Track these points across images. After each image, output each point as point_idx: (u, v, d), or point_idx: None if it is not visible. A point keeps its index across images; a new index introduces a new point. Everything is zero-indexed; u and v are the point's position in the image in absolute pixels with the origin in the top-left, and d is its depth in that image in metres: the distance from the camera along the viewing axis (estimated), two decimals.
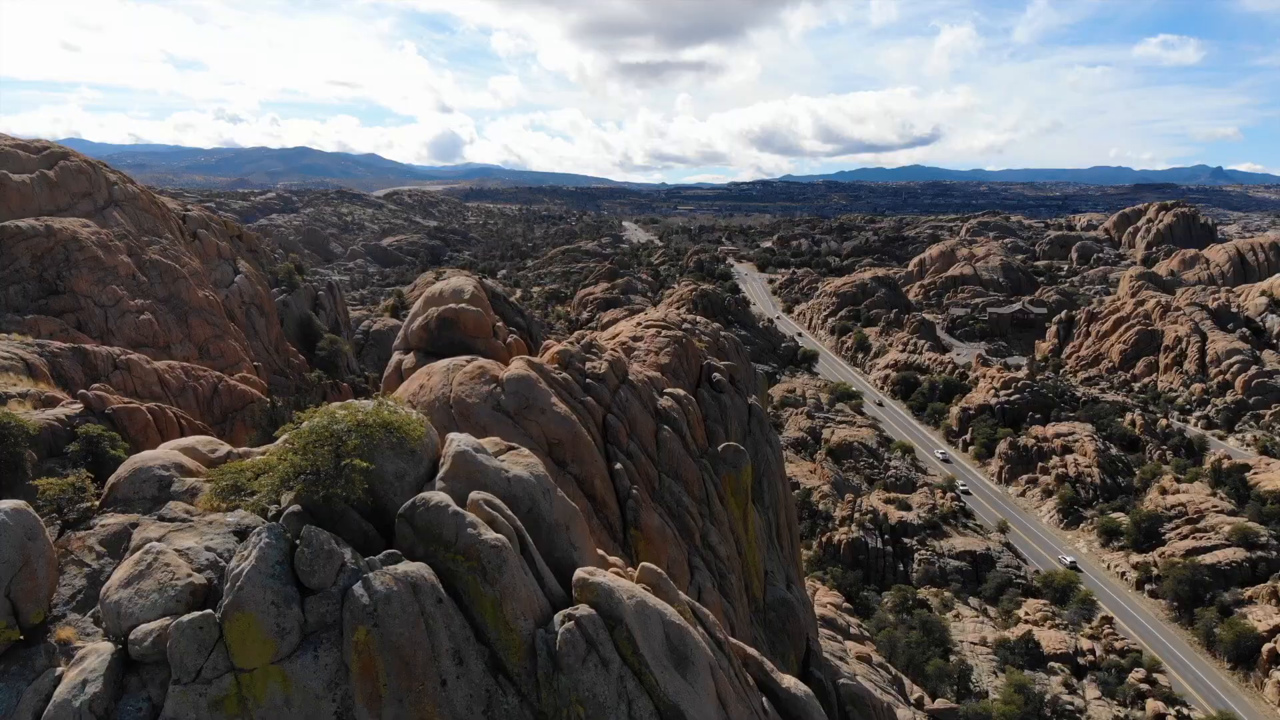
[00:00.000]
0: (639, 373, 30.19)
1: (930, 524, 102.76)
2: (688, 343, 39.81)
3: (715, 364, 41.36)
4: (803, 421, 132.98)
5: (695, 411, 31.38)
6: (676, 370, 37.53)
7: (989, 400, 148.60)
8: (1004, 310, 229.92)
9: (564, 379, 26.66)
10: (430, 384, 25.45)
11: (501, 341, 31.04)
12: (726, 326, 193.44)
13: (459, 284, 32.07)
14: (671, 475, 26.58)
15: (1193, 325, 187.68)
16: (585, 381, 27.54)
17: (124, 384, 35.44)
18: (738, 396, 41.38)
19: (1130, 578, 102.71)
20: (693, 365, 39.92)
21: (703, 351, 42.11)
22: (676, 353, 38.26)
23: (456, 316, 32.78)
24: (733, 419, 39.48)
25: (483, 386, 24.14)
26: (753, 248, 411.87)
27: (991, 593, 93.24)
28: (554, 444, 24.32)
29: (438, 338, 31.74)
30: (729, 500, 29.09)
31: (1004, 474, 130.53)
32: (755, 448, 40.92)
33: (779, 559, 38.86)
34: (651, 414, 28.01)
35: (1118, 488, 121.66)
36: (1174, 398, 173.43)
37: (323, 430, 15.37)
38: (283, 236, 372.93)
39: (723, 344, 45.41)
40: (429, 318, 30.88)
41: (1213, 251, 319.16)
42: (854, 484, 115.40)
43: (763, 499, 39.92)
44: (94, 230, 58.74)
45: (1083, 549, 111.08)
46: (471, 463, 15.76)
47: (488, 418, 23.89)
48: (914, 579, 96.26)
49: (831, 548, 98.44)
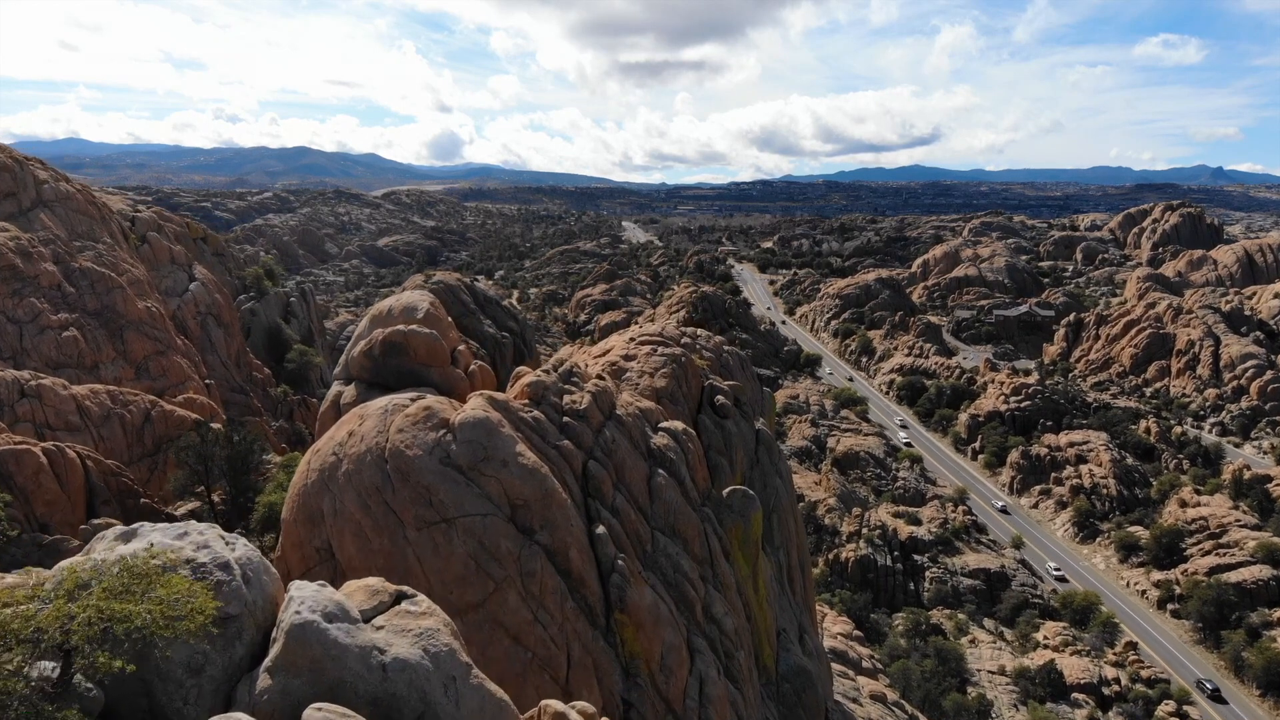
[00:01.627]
0: (629, 403, 25.38)
1: (942, 540, 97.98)
2: (687, 362, 34.97)
3: (719, 384, 36.53)
4: (806, 430, 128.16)
5: (696, 448, 26.59)
6: (674, 395, 32.72)
7: (999, 407, 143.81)
8: (1011, 313, 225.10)
9: (535, 418, 21.76)
10: (363, 431, 19.99)
11: (462, 370, 26.04)
12: (727, 329, 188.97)
13: (412, 300, 26.98)
14: (667, 532, 21.79)
15: (1205, 329, 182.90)
16: (562, 420, 22.57)
17: (32, 414, 30.75)
18: (744, 421, 36.56)
19: (1152, 596, 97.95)
20: (693, 387, 35.10)
21: (704, 370, 37.27)
22: (674, 374, 33.43)
23: (405, 341, 26.43)
24: (738, 448, 34.67)
25: (428, 433, 19.37)
26: (753, 248, 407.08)
27: (1007, 614, 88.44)
28: (518, 505, 19.35)
29: (382, 366, 26.47)
30: (736, 555, 24.40)
31: (1016, 484, 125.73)
32: (764, 480, 36.12)
33: (791, 607, 34.05)
34: (643, 455, 23.19)
35: (1135, 500, 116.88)
36: (1187, 403, 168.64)
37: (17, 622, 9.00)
38: (277, 237, 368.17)
39: (726, 360, 40.57)
40: (372, 341, 25.72)
41: (1220, 253, 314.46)
42: (861, 496, 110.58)
43: (773, 538, 35.13)
44: (12, 235, 53.08)
45: (1100, 565, 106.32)
46: (318, 643, 10.09)
47: (433, 475, 19.04)
48: (925, 599, 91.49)
49: (839, 565, 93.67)
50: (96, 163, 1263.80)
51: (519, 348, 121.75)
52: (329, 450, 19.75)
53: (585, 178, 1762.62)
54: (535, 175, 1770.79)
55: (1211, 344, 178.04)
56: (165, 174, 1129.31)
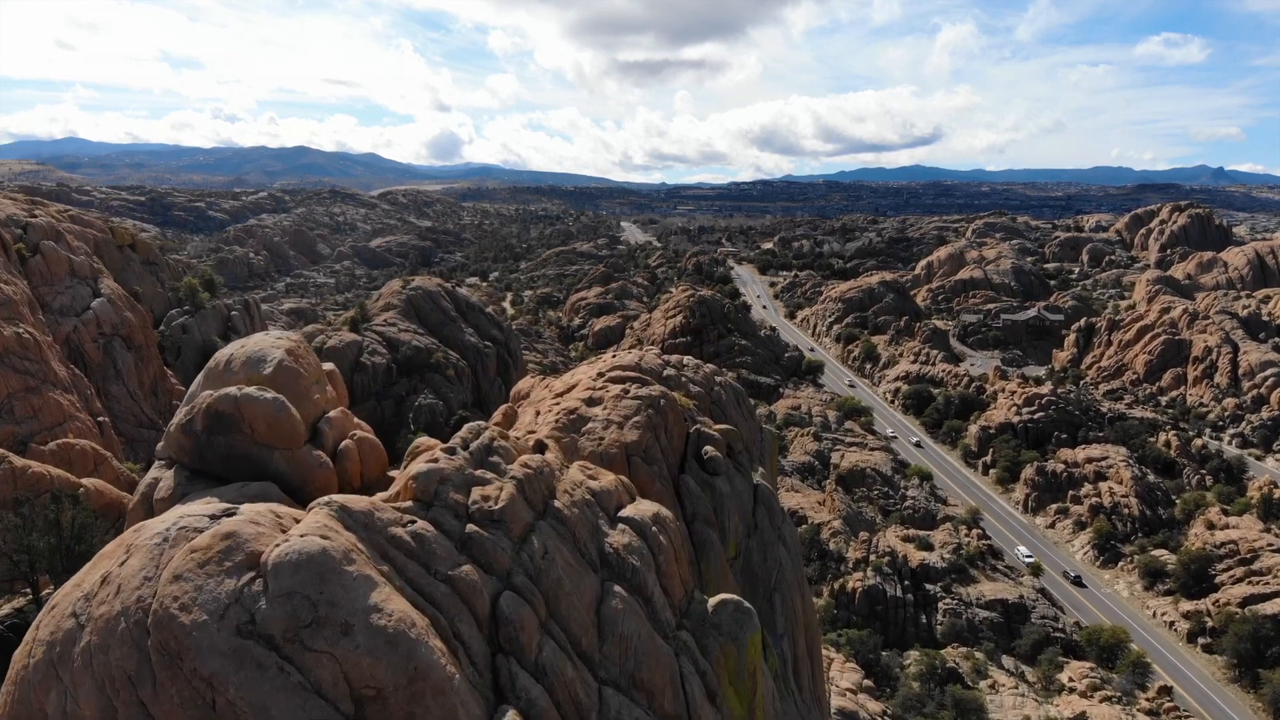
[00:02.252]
0: (578, 484, 18.46)
1: (955, 567, 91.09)
2: (667, 405, 28.06)
3: (708, 429, 29.62)
4: (809, 444, 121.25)
5: (676, 536, 19.79)
6: (650, 450, 25.84)
7: (1010, 419, 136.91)
8: (1019, 317, 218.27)
9: (417, 535, 14.56)
10: (122, 575, 12.55)
11: (324, 453, 18.84)
12: (726, 335, 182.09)
13: (261, 347, 19.36)
14: (625, 686, 14.98)
15: (1223, 335, 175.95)
16: (465, 532, 15.33)
17: None
18: (739, 476, 29.67)
19: (1181, 629, 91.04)
20: (675, 437, 28.20)
21: (690, 411, 30.32)
22: (650, 423, 26.54)
23: (236, 411, 18.18)
24: (732, 513, 27.80)
25: (222, 582, 11.85)
26: (753, 249, 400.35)
27: (1028, 650, 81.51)
28: (367, 698, 11.92)
29: (207, 446, 18.41)
30: (726, 693, 17.68)
31: (1030, 502, 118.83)
32: (764, 549, 29.22)
33: (798, 712, 27.13)
34: (593, 565, 16.31)
35: (1158, 520, 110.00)
36: (1205, 413, 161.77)
37: None
38: (268, 237, 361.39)
39: (719, 395, 33.66)
40: (194, 410, 18.59)
41: (1230, 255, 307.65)
42: (867, 518, 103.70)
43: (775, 625, 28.26)
44: None
45: (1123, 591, 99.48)
46: None
47: (221, 657, 11.55)
48: (939, 633, 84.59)
49: (845, 596, 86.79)
50: (95, 162, 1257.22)
51: (503, 358, 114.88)
52: (68, 606, 12.67)
53: (585, 177, 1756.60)
54: (535, 175, 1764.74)
55: (1229, 351, 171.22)
56: (164, 174, 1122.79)
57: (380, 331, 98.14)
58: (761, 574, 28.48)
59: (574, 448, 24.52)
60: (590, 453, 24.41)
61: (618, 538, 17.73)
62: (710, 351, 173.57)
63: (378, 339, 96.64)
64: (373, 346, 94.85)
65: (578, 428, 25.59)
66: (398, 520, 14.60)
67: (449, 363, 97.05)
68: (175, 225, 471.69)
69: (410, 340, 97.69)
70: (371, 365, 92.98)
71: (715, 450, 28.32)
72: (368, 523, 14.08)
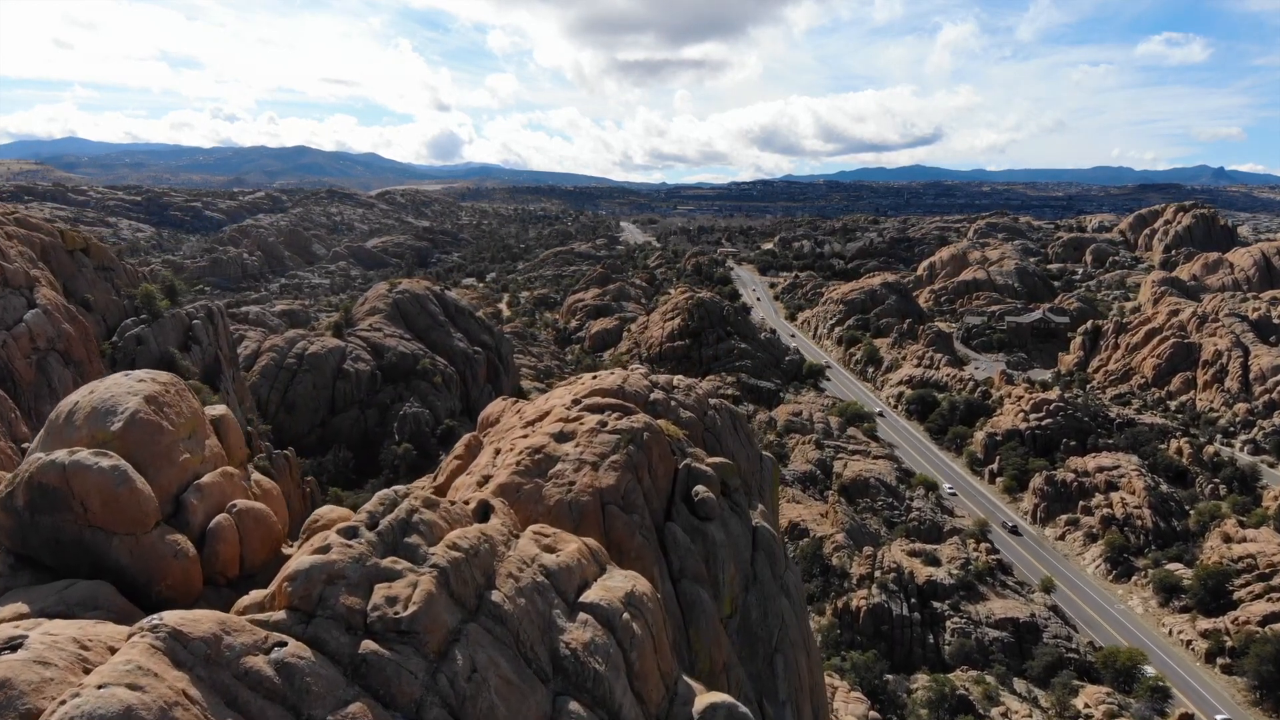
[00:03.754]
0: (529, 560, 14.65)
1: (964, 584, 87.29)
2: (651, 438, 24.28)
3: (699, 466, 25.84)
4: (811, 452, 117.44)
5: (656, 618, 16.03)
6: (629, 496, 22.07)
7: (1018, 425, 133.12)
8: (1023, 319, 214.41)
9: (283, 666, 10.62)
10: None
11: (187, 537, 14.43)
12: (726, 338, 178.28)
13: (111, 394, 14.56)
14: None
15: (1233, 338, 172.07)
16: (358, 653, 11.29)
17: None
18: (735, 518, 25.89)
19: (1199, 648, 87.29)
20: (660, 476, 24.41)
21: (680, 443, 26.53)
22: (631, 462, 22.78)
23: (65, 484, 13.98)
24: (727, 563, 24.02)
25: None
26: (753, 249, 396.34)
27: (1040, 673, 77.70)
28: None
29: (32, 528, 14.18)
30: None
31: (1040, 513, 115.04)
32: (764, 604, 25.45)
33: None
34: (541, 673, 12.59)
35: (1172, 532, 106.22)
36: (1215, 419, 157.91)
37: None
38: (262, 238, 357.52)
39: (713, 420, 29.86)
40: (16, 480, 15.31)
41: (1237, 255, 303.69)
42: (871, 530, 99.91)
43: (776, 693, 24.47)
44: None
45: (1137, 608, 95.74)
46: None
47: None
48: (947, 654, 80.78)
49: (848, 615, 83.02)
50: (95, 162, 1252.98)
51: (493, 363, 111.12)
52: None
53: (585, 177, 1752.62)
54: (535, 175, 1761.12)
55: (1240, 354, 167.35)
56: (164, 173, 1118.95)
57: (365, 337, 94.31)
58: (761, 633, 24.71)
59: (537, 497, 20.79)
60: (558, 501, 20.68)
61: (577, 634, 13.99)
62: (709, 355, 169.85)
63: (362, 344, 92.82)
64: (356, 352, 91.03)
65: (544, 470, 21.83)
66: (259, 644, 10.76)
67: (436, 369, 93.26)
68: (172, 225, 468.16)
69: (396, 346, 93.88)
70: (355, 372, 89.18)
71: (708, 490, 24.54)
72: (211, 653, 10.23)
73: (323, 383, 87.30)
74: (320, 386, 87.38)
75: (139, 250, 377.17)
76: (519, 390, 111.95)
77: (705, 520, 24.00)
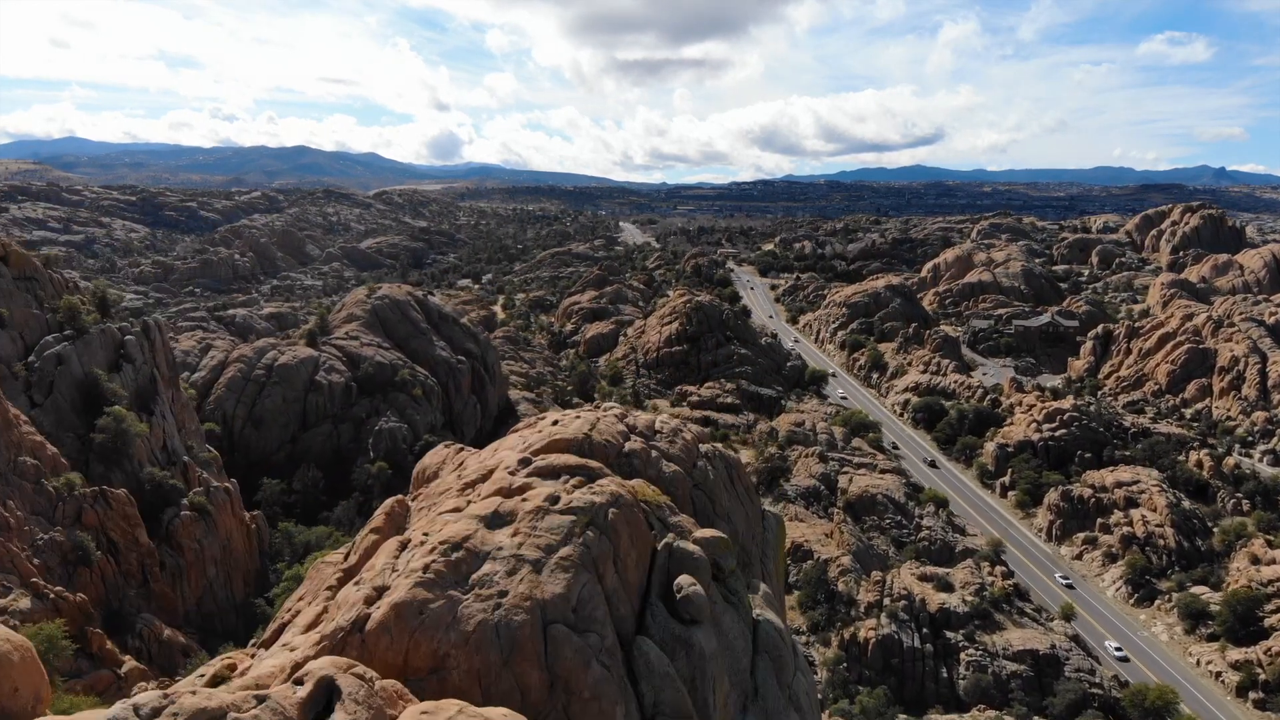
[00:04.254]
0: None
1: (978, 611, 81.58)
2: (620, 518, 18.55)
3: (684, 544, 20.08)
4: (814, 466, 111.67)
5: None
6: (585, 607, 16.41)
7: (1030, 436, 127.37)
8: (1031, 323, 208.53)
9: None
10: None
11: None
12: (725, 343, 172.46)
13: None
14: None
15: (1250, 344, 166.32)
16: None
17: None
18: (731, 611, 20.16)
19: (1229, 681, 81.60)
20: (632, 565, 18.71)
21: (661, 510, 20.75)
22: (590, 557, 17.08)
23: None
24: (719, 680, 18.31)
25: None
26: (754, 250, 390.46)
27: (1063, 712, 72.02)
28: None
29: None
30: None
31: (1055, 530, 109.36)
32: (767, 717, 19.62)
33: None
34: None
35: (1196, 552, 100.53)
36: (1233, 427, 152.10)
37: None
38: (254, 239, 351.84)
39: (703, 471, 24.12)
40: None
41: (1246, 257, 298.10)
42: (879, 551, 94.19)
43: None
44: None
45: (1162, 635, 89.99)
46: None
47: None
48: (961, 689, 75.11)
49: (855, 647, 77.37)
50: (94, 162, 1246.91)
51: (478, 373, 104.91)
52: None
53: (586, 177, 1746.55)
54: (536, 175, 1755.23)
55: (1258, 361, 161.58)
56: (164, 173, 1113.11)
57: (340, 346, 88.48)
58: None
59: (449, 620, 15.16)
60: (479, 624, 15.06)
61: None
62: (708, 361, 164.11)
63: (337, 354, 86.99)
64: (330, 363, 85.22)
65: (464, 574, 16.16)
66: None
67: (416, 380, 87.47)
68: (166, 225, 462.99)
69: (373, 355, 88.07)
70: (328, 384, 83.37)
71: (694, 583, 18.83)
72: None
73: (293, 396, 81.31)
74: (290, 400, 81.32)
75: (131, 251, 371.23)
76: (507, 402, 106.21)
77: (691, 625, 18.32)
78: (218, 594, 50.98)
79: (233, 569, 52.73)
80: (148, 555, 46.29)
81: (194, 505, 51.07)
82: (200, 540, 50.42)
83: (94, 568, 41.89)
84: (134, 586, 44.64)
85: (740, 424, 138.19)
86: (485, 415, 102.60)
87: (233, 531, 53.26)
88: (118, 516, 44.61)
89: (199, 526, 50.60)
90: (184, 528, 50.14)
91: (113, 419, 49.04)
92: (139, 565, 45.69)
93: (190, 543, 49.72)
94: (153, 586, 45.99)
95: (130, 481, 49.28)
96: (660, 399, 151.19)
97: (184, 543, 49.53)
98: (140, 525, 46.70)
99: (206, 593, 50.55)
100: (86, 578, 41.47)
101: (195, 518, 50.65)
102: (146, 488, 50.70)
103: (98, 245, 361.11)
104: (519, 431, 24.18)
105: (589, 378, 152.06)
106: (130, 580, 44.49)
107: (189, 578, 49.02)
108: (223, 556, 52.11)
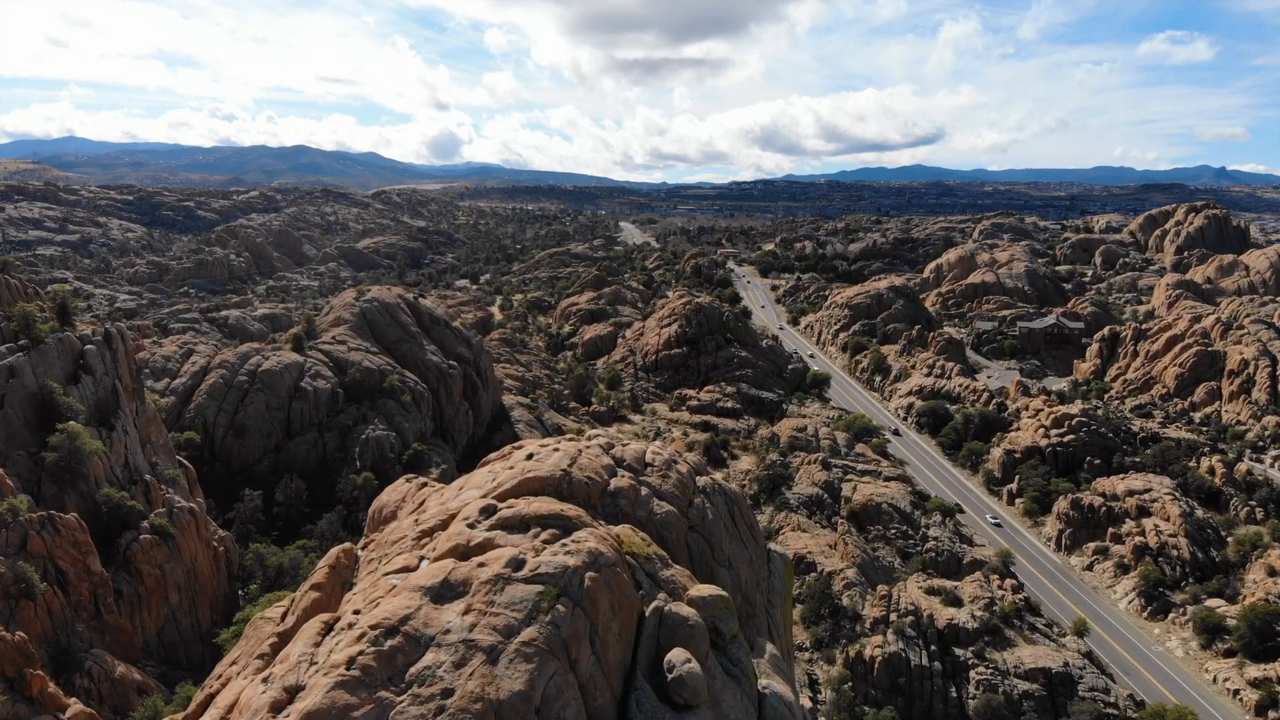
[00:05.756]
0: None
1: (989, 627, 78.54)
2: (599, 584, 15.59)
3: (676, 607, 17.08)
4: (817, 473, 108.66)
5: None
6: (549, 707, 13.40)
7: (1038, 442, 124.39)
8: (1036, 325, 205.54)
9: None
10: None
11: None
12: (725, 345, 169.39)
13: None
14: None
15: (1260, 346, 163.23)
16: None
17: None
18: (732, 684, 17.16)
19: (1248, 699, 78.52)
20: (612, 643, 15.75)
21: (651, 563, 17.76)
22: (558, 640, 14.10)
23: None
24: None
25: None
26: (754, 250, 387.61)
27: None
28: None
29: None
30: None
31: (1064, 539, 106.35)
32: None
33: None
34: None
35: (1211, 563, 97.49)
36: (1243, 432, 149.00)
37: None
38: (250, 238, 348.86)
39: (701, 510, 21.12)
40: None
41: (1251, 257, 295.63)
42: (885, 563, 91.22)
43: None
44: None
45: (1177, 650, 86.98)
46: None
47: None
48: (971, 709, 72.11)
49: (861, 665, 74.32)
50: (94, 162, 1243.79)
51: (470, 378, 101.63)
52: None
53: (586, 177, 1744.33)
54: (536, 174, 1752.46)
55: (1268, 364, 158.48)
56: (163, 173, 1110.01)
57: (327, 350, 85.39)
58: None
59: None
60: None
61: None
62: (707, 364, 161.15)
63: (323, 359, 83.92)
64: (316, 369, 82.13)
65: (400, 671, 13.13)
66: None
67: (406, 386, 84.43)
68: (164, 225, 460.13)
69: (361, 361, 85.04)
70: (314, 391, 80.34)
71: (689, 659, 15.86)
72: None
73: (277, 403, 77.99)
74: (274, 407, 77.96)
75: (127, 251, 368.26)
76: (500, 408, 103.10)
77: (685, 710, 15.34)
78: (181, 623, 47.80)
79: (198, 595, 49.55)
80: (100, 585, 42.97)
81: (155, 528, 47.79)
82: (162, 566, 47.15)
83: (38, 601, 38.71)
84: (84, 620, 41.60)
85: (741, 429, 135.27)
86: (478, 422, 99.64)
87: (198, 554, 50.05)
88: (66, 543, 41.43)
89: (160, 551, 47.29)
90: (143, 552, 46.77)
91: (66, 436, 45.79)
92: (91, 596, 42.44)
93: (150, 568, 46.44)
94: (106, 618, 42.86)
95: (85, 503, 46.06)
96: (659, 403, 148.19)
97: (143, 568, 46.25)
98: (92, 552, 43.31)
99: (169, 622, 47.37)
100: (30, 612, 38.34)
101: (156, 541, 47.36)
102: (103, 509, 47.44)
103: (94, 245, 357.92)
104: (490, 464, 21.20)
105: (586, 381, 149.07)
106: (81, 613, 41.42)
107: (149, 606, 45.80)
108: (187, 582, 48.92)
